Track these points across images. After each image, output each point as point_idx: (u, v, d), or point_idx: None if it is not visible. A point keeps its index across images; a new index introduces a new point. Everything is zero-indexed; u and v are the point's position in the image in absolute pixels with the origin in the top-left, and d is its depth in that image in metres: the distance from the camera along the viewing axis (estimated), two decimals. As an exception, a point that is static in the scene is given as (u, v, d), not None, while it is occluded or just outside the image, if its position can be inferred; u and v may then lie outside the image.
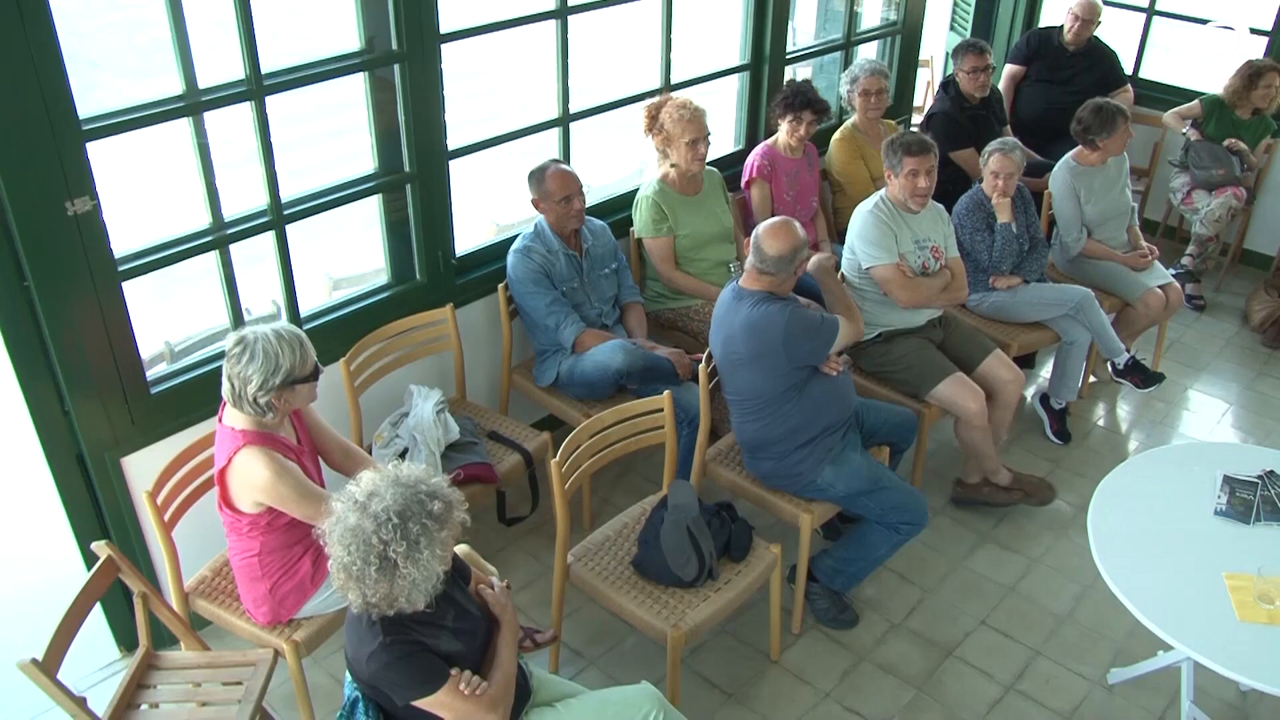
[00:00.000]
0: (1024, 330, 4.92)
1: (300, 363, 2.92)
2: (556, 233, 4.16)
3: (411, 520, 2.39)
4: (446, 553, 2.46)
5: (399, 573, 2.38)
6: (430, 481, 2.50)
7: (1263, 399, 5.56)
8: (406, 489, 2.44)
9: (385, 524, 2.37)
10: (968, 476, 4.57)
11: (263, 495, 2.95)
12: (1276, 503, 3.43)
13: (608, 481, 4.62)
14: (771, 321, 3.55)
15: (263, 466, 2.91)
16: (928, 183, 4.26)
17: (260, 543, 3.07)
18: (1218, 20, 6.17)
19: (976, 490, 4.55)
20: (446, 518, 2.45)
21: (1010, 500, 4.52)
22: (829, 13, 6.01)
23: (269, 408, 2.91)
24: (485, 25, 4.10)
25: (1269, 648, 2.93)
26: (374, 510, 2.39)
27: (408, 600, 2.43)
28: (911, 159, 4.22)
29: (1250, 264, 6.74)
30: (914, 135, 4.27)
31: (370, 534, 2.37)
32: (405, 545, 2.37)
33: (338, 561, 2.42)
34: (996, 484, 4.52)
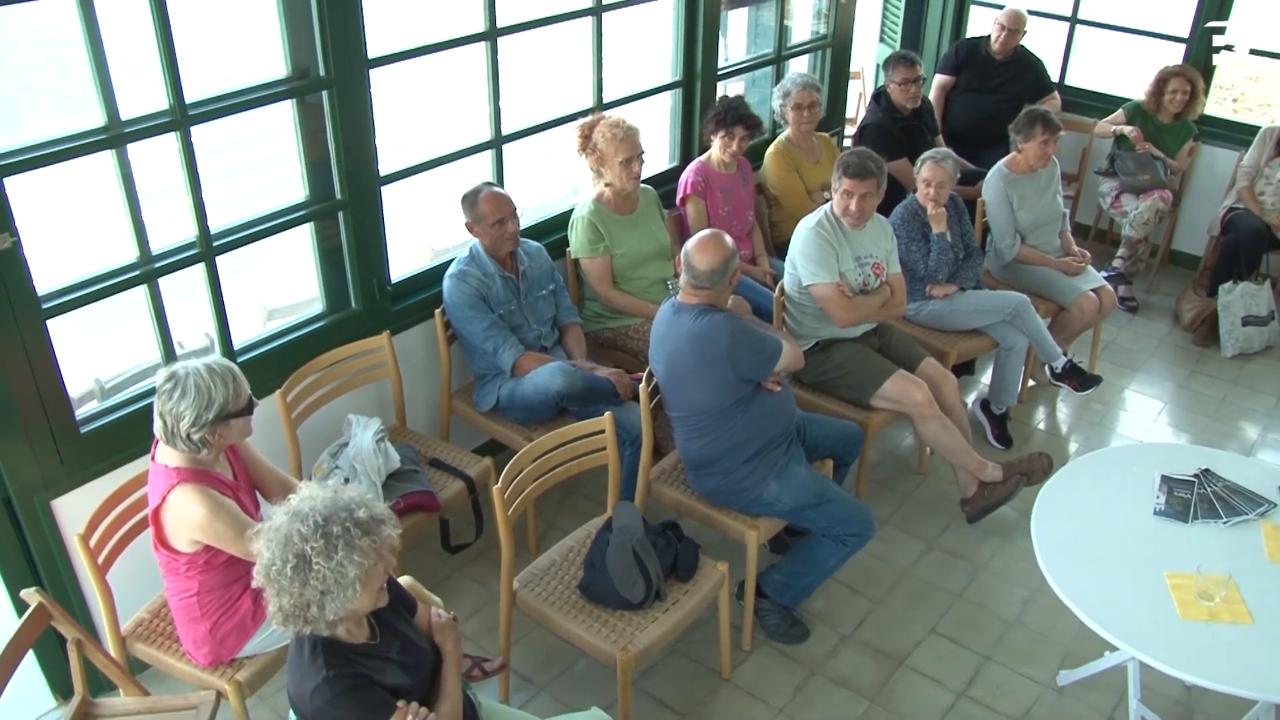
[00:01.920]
0: (962, 338, 4.96)
1: (234, 397, 2.87)
2: (492, 256, 4.13)
3: (334, 521, 2.35)
4: (367, 563, 2.38)
5: (312, 572, 2.32)
6: (366, 498, 2.47)
7: (1197, 397, 5.65)
8: (338, 497, 2.42)
9: (307, 521, 2.34)
10: (965, 491, 4.51)
11: (199, 533, 2.89)
12: (1213, 501, 3.47)
13: (553, 505, 4.59)
14: (717, 331, 3.54)
15: (198, 504, 2.85)
16: (859, 208, 4.26)
17: (199, 582, 3.01)
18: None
19: (978, 498, 4.47)
20: (371, 528, 2.40)
21: (1012, 490, 4.42)
22: (759, 28, 6.04)
23: (203, 444, 2.86)
24: (414, 49, 4.06)
25: (1210, 644, 2.96)
26: (301, 511, 2.37)
27: (319, 610, 2.36)
28: (848, 180, 4.24)
29: (1179, 264, 6.85)
30: (859, 158, 4.26)
31: (291, 532, 2.34)
32: (323, 543, 2.33)
33: (261, 563, 2.39)
34: (990, 481, 4.44)
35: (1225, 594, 3.06)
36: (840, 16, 6.13)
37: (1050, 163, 5.33)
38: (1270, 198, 6.02)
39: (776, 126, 5.67)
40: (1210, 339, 6.07)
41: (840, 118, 6.48)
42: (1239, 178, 6.14)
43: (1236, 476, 3.61)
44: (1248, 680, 2.90)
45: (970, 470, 4.44)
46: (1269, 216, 5.96)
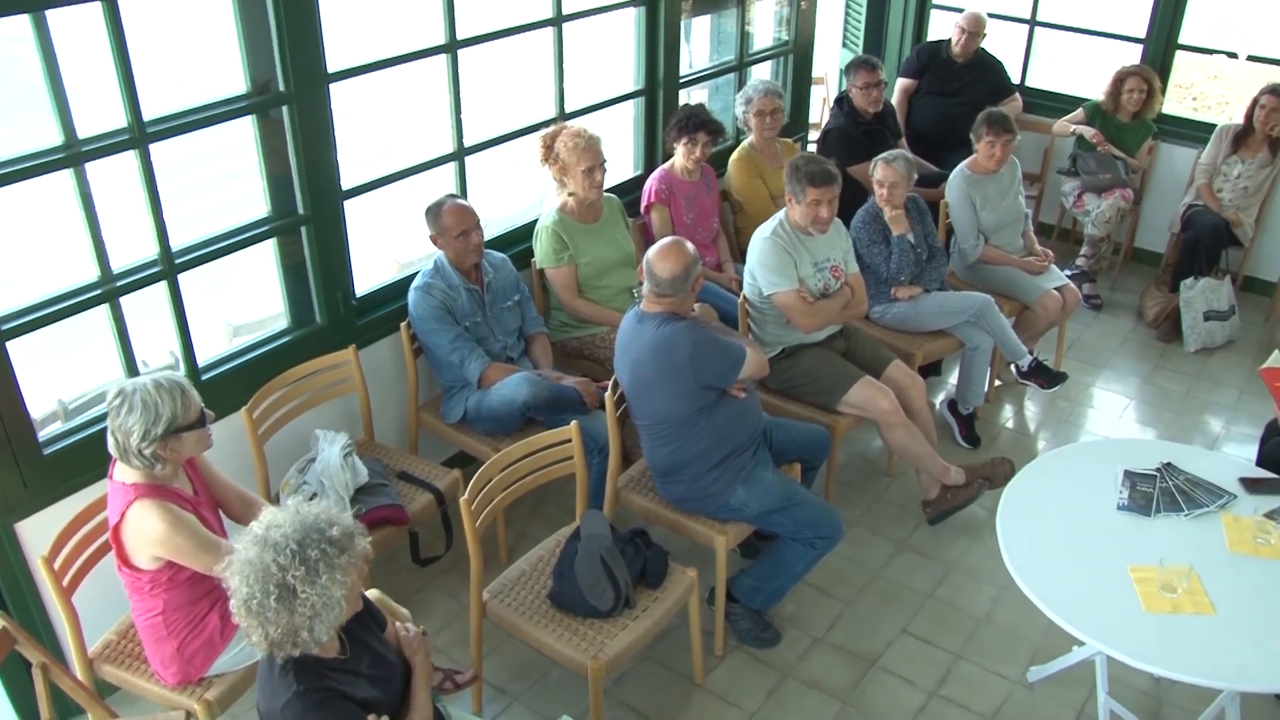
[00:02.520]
0: (927, 339, 4.99)
1: (183, 411, 2.86)
2: (456, 268, 4.13)
3: (310, 546, 2.35)
4: (349, 579, 2.40)
5: (298, 600, 2.32)
6: (331, 512, 2.47)
7: (1161, 392, 5.70)
8: (306, 518, 2.41)
9: (283, 550, 2.33)
10: (926, 494, 4.55)
11: (159, 549, 2.88)
12: (1175, 494, 3.51)
13: (523, 514, 4.59)
14: (679, 340, 3.55)
15: (157, 519, 2.84)
16: (829, 213, 4.31)
17: (164, 600, 3.00)
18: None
19: (941, 501, 4.51)
20: (346, 544, 2.41)
21: (974, 494, 4.47)
22: (721, 35, 6.07)
23: (156, 459, 2.85)
24: (374, 63, 4.06)
25: (1174, 636, 2.99)
26: (272, 539, 2.35)
27: (310, 634, 2.36)
28: (815, 190, 4.26)
29: (1142, 261, 6.92)
30: (819, 165, 4.29)
31: (269, 563, 2.33)
32: (304, 570, 2.32)
33: (238, 598, 2.37)
34: (953, 484, 4.48)
35: (1187, 585, 3.09)
36: (801, 22, 6.16)
37: (1011, 163, 5.38)
38: (1228, 194, 6.10)
39: (740, 133, 5.69)
40: (1173, 334, 6.13)
41: (804, 123, 6.52)
42: (1197, 175, 6.21)
43: (1197, 469, 3.64)
44: (1211, 670, 2.93)
45: (934, 474, 4.47)
46: (1227, 213, 6.04)
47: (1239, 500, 3.51)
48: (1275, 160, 6.02)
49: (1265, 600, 3.09)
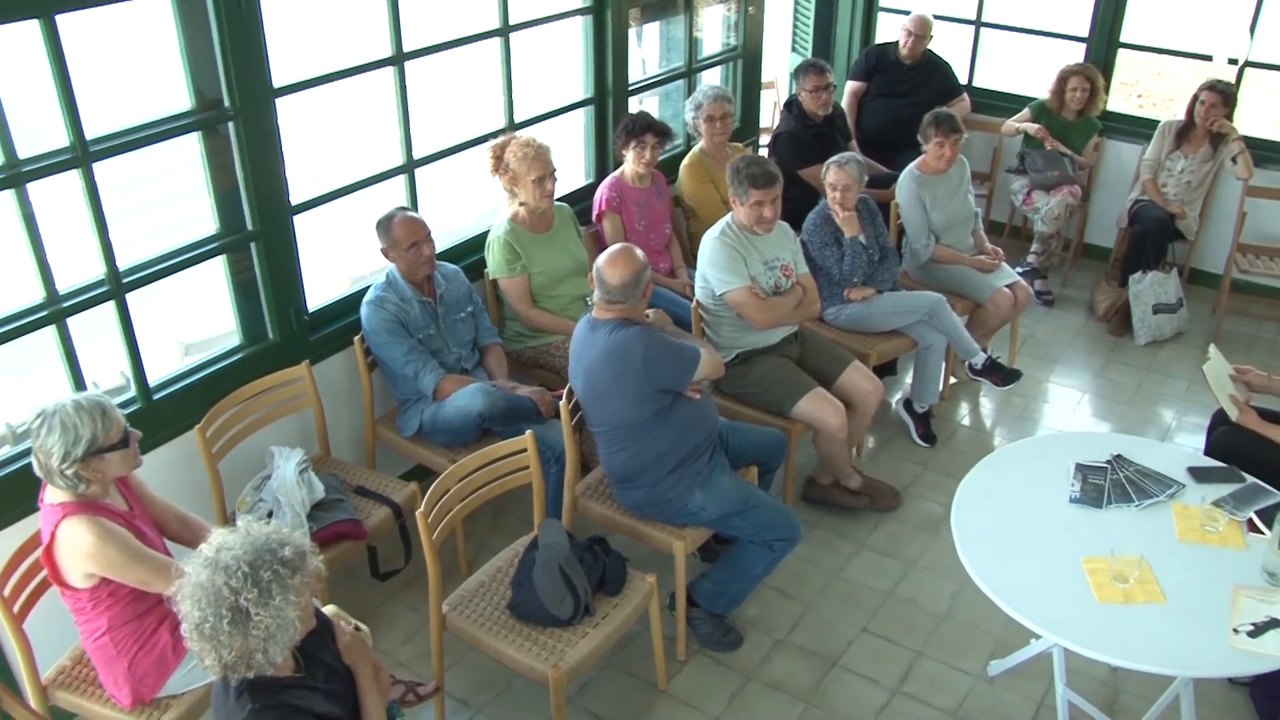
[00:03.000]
0: (882, 339, 5.03)
1: (104, 431, 2.84)
2: (408, 280, 4.12)
3: (262, 567, 2.33)
4: (302, 599, 2.39)
5: (252, 623, 2.31)
6: (281, 531, 2.45)
7: (1113, 385, 5.77)
8: (256, 539, 2.39)
9: (235, 573, 2.31)
10: (820, 477, 4.68)
11: (91, 564, 2.86)
12: (1125, 485, 3.55)
13: (483, 525, 4.57)
14: (630, 346, 3.56)
15: (86, 532, 2.82)
16: (772, 212, 4.34)
17: (107, 619, 2.97)
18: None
19: (826, 491, 4.66)
20: (299, 564, 2.40)
21: (856, 504, 4.63)
22: (670, 41, 6.09)
23: (79, 479, 2.83)
24: (320, 77, 4.05)
25: (1127, 625, 3.03)
26: (224, 562, 2.33)
27: (265, 655, 2.35)
28: (758, 191, 4.29)
29: (1091, 257, 7.01)
30: (759, 166, 4.33)
31: (220, 586, 2.30)
32: (256, 592, 2.30)
33: (190, 622, 2.34)
34: (846, 487, 4.63)
35: (1139, 575, 3.13)
36: (750, 28, 6.20)
37: (960, 163, 5.44)
38: (1172, 189, 6.19)
39: (690, 139, 5.72)
40: (1124, 328, 6.22)
41: (754, 127, 6.55)
42: (1142, 171, 6.30)
43: (1147, 460, 3.70)
44: (1164, 657, 2.97)
45: (838, 473, 4.59)
46: (1172, 207, 6.12)
47: (1187, 489, 3.57)
48: (1216, 155, 6.12)
49: (1214, 587, 3.13)
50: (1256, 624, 2.97)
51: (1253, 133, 6.43)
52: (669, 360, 3.62)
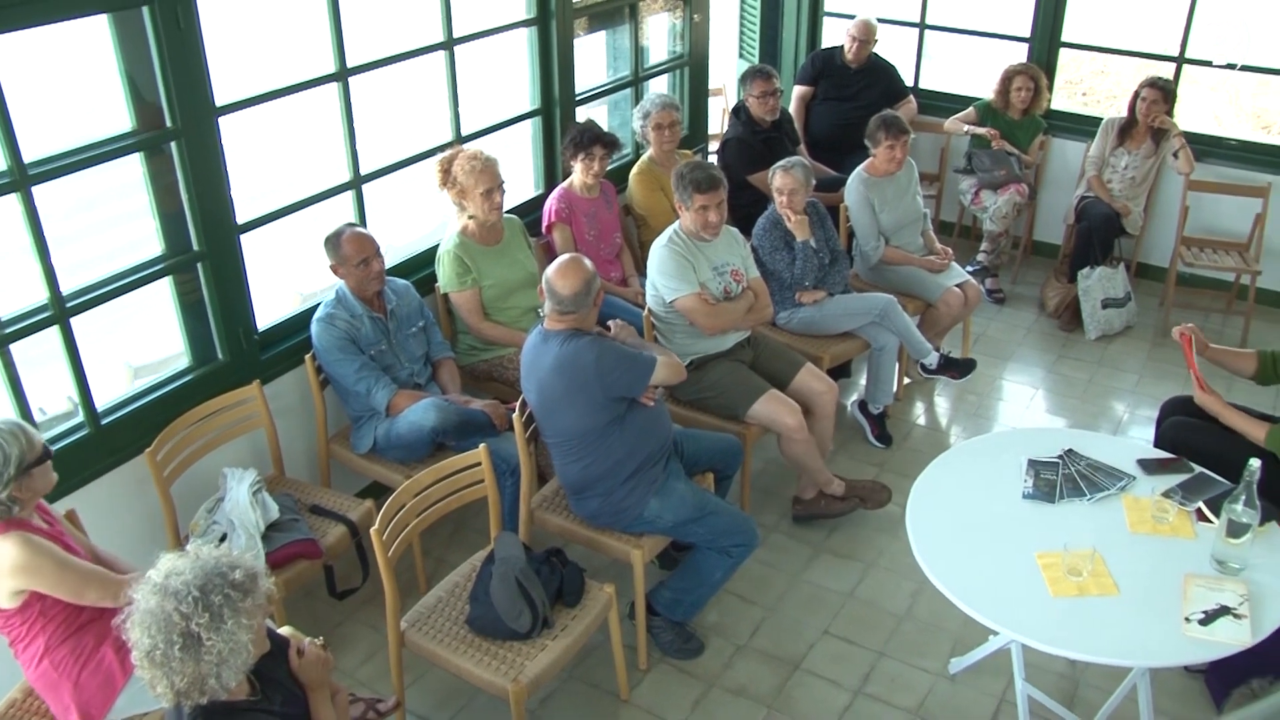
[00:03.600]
0: (834, 341, 5.05)
1: (27, 447, 2.87)
2: (358, 296, 4.09)
3: (213, 591, 2.31)
4: (254, 622, 2.37)
5: (204, 648, 2.29)
6: (231, 555, 2.43)
7: (1065, 380, 5.83)
8: (206, 563, 2.37)
9: (185, 598, 2.29)
10: (803, 493, 4.63)
11: (21, 577, 2.85)
12: (1077, 480, 3.59)
13: (441, 540, 4.55)
14: (583, 355, 3.56)
15: (12, 546, 2.81)
16: (718, 216, 4.35)
17: (43, 639, 2.94)
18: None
19: (814, 504, 4.61)
20: (250, 587, 2.38)
21: (847, 508, 4.60)
22: (617, 51, 6.09)
23: (13, 502, 2.85)
24: (263, 94, 4.02)
25: (1082, 618, 3.05)
26: (173, 588, 2.31)
27: (218, 680, 2.32)
28: (701, 195, 4.31)
29: (1040, 254, 7.08)
30: (703, 171, 4.34)
31: (170, 612, 2.28)
32: (208, 616, 2.28)
33: (140, 650, 2.32)
34: (831, 495, 4.59)
35: (1092, 568, 3.16)
36: (695, 35, 6.22)
37: (908, 164, 5.48)
38: (1117, 185, 6.27)
39: (639, 148, 5.72)
40: (1074, 323, 6.28)
41: (703, 135, 6.57)
42: (1087, 167, 6.37)
43: (1098, 454, 3.73)
44: (1119, 649, 3.00)
45: (818, 482, 4.57)
46: (1117, 203, 6.20)
47: (1138, 481, 3.60)
48: (1158, 151, 6.21)
49: (1166, 577, 3.16)
50: (1207, 612, 3.01)
51: (1193, 128, 6.53)
52: (623, 367, 3.62)
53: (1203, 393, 3.91)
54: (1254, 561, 3.17)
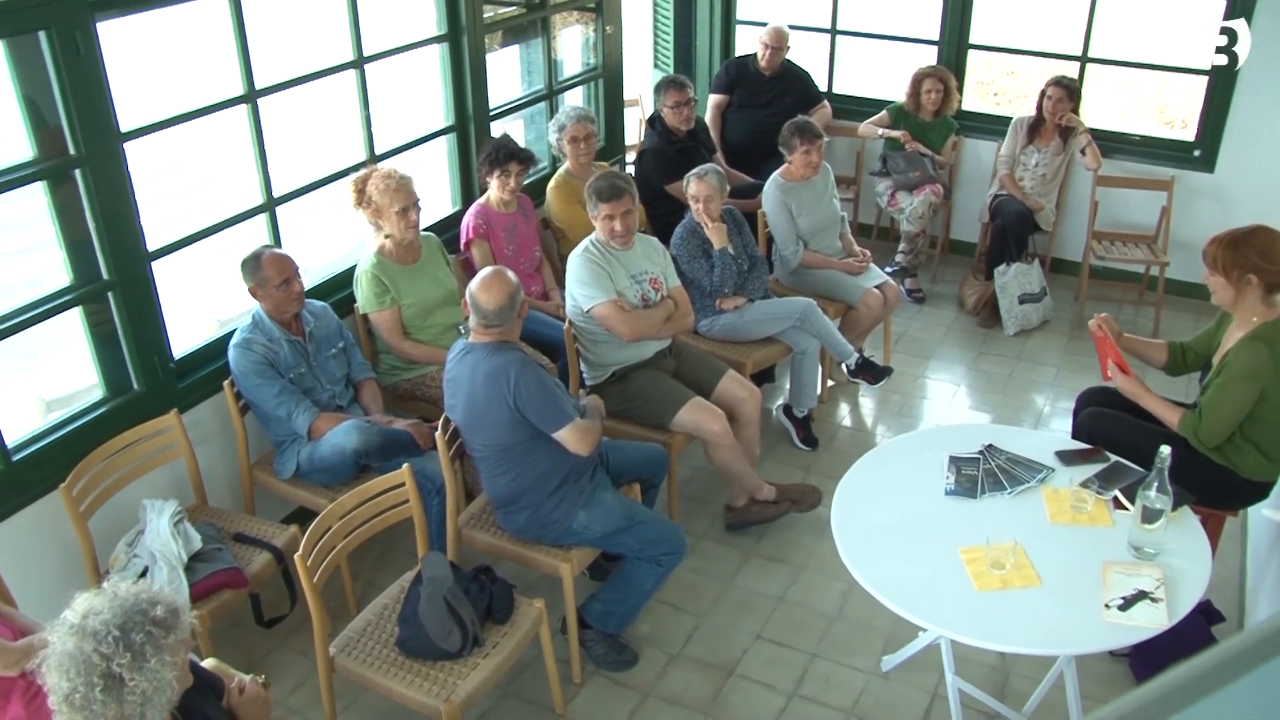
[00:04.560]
0: (756, 347, 5.09)
1: None
2: (276, 320, 4.05)
3: (134, 629, 2.26)
4: (178, 659, 2.32)
5: (127, 688, 2.23)
6: (151, 590, 2.38)
7: (985, 376, 5.93)
8: (125, 600, 2.32)
9: (105, 638, 2.23)
10: (734, 501, 4.65)
11: None
12: (997, 474, 3.64)
13: (370, 562, 4.51)
14: (507, 370, 3.55)
15: None
16: (624, 226, 4.37)
17: None
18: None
19: (746, 511, 4.63)
20: (172, 623, 2.33)
21: (779, 513, 4.62)
22: (531, 64, 6.09)
23: None
24: (170, 119, 3.96)
25: (1007, 610, 3.09)
26: (92, 628, 2.25)
27: None
28: (605, 205, 4.33)
29: (958, 252, 7.19)
30: (606, 180, 4.37)
31: (90, 653, 2.23)
32: (130, 656, 2.23)
33: (58, 694, 2.26)
34: (763, 500, 4.61)
35: (1014, 560, 3.21)
36: (609, 47, 6.24)
37: (824, 169, 5.54)
38: (1029, 183, 6.39)
39: (556, 161, 5.72)
40: (993, 320, 6.39)
41: (619, 146, 6.58)
42: (999, 166, 6.49)
43: (1017, 448, 3.79)
44: (1043, 639, 3.05)
45: (748, 488, 4.59)
46: (1030, 200, 6.32)
47: (1056, 473, 3.66)
48: (1067, 148, 6.34)
49: (1085, 566, 3.22)
50: (1126, 597, 3.07)
51: (1099, 125, 6.67)
52: (536, 400, 3.57)
53: (1125, 376, 3.98)
54: (1168, 546, 3.25)
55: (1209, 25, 6.29)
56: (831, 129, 6.81)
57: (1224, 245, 3.61)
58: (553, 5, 5.79)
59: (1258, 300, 3.62)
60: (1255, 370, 3.58)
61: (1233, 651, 0.98)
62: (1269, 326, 3.61)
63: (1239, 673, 0.97)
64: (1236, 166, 6.34)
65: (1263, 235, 3.59)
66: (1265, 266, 3.55)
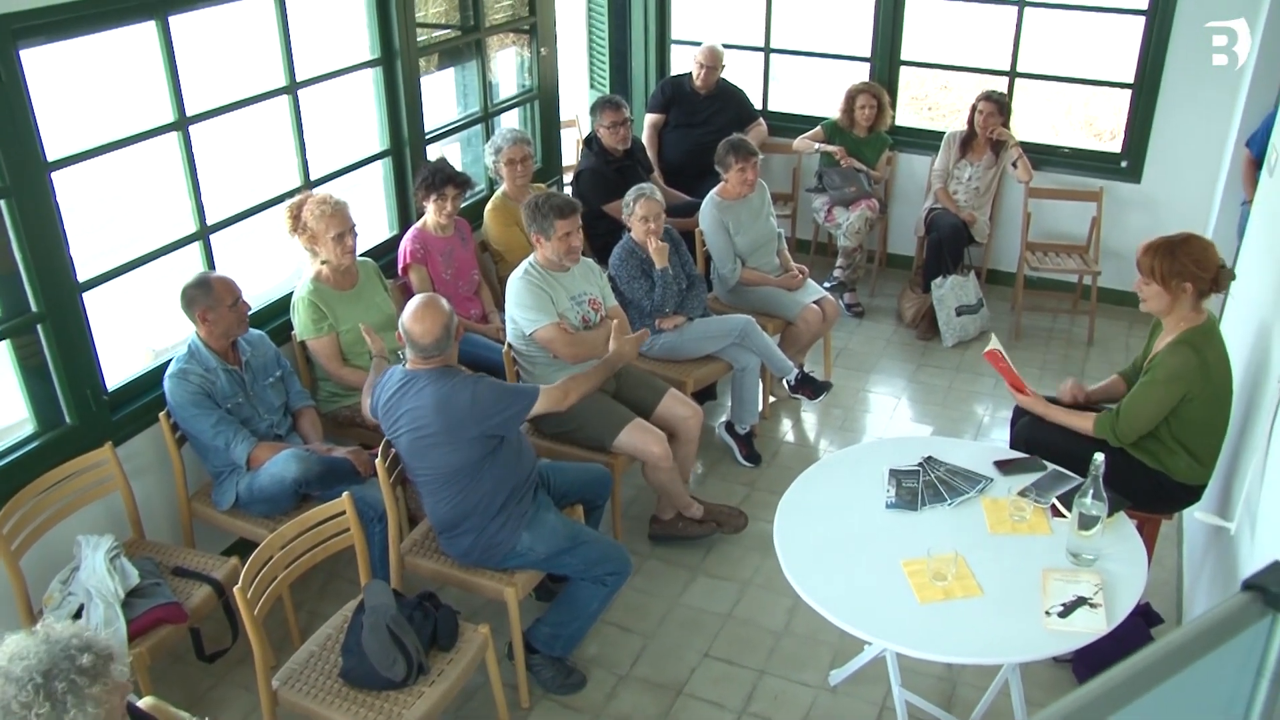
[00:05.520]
0: (697, 365, 5.11)
1: None
2: (213, 349, 3.99)
3: (57, 678, 2.20)
4: (102, 710, 2.25)
5: None
6: (84, 635, 2.32)
7: (925, 388, 5.99)
8: (54, 645, 2.25)
9: (26, 686, 2.17)
10: (662, 513, 4.68)
11: None
12: (937, 486, 3.67)
13: (314, 592, 4.45)
14: (459, 395, 3.53)
15: None
16: (579, 241, 4.39)
17: None
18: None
19: (672, 525, 4.66)
20: (100, 670, 2.27)
21: (704, 532, 4.66)
22: (466, 87, 6.09)
23: None
24: (99, 147, 3.90)
25: (950, 621, 3.11)
26: (14, 674, 2.19)
27: None
28: (564, 221, 4.34)
29: (896, 266, 7.27)
30: (559, 198, 4.38)
31: (10, 700, 2.17)
32: (49, 706, 2.17)
33: None
34: (690, 517, 4.64)
35: (955, 571, 3.23)
36: (544, 68, 6.25)
37: (760, 187, 5.57)
38: (963, 196, 6.48)
39: (493, 184, 5.71)
40: (931, 332, 6.46)
41: (556, 167, 6.59)
42: (933, 180, 6.58)
43: (956, 459, 3.82)
44: (986, 648, 3.07)
45: (678, 506, 4.62)
46: (964, 213, 6.41)
47: (995, 483, 3.69)
48: (999, 161, 6.44)
49: (1025, 574, 3.25)
50: (1065, 604, 3.10)
51: (1030, 138, 6.78)
52: (500, 405, 3.60)
53: (1024, 396, 4.08)
54: (1105, 551, 3.29)
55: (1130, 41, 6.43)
56: (767, 146, 6.87)
57: (1161, 254, 3.67)
58: (487, 28, 5.79)
59: (1188, 307, 3.69)
60: (1179, 373, 3.65)
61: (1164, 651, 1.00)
62: (1195, 332, 3.68)
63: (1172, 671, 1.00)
64: (1162, 176, 6.49)
65: (1195, 243, 3.67)
66: (1199, 274, 3.62)
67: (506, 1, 6.16)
